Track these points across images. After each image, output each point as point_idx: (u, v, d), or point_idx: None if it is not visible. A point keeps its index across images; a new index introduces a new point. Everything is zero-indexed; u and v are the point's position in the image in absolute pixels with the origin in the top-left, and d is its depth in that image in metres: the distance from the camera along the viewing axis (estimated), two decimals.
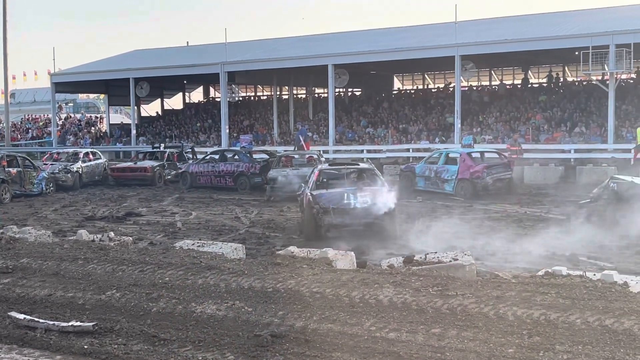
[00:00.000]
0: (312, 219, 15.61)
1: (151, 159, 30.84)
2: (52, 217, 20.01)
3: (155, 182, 28.67)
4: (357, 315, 7.87)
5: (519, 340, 6.88)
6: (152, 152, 32.15)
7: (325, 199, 15.81)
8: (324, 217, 15.52)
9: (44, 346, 7.79)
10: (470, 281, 9.06)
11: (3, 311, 8.99)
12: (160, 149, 33.03)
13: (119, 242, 12.87)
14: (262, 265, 10.19)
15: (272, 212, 20.00)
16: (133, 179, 29.03)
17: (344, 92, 48.58)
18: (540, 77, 47.97)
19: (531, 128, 33.63)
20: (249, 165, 26.17)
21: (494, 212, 18.97)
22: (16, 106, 70.95)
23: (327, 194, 16.11)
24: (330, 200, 15.77)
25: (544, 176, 26.51)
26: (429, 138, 35.48)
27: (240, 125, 45.21)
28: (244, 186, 25.83)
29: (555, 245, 13.79)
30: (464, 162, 22.84)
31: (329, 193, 16.22)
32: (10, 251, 12.18)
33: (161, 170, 29.41)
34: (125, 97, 45.52)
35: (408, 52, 35.57)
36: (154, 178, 28.71)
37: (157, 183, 28.72)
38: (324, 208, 15.56)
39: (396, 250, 13.52)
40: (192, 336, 7.69)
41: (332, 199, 15.81)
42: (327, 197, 15.89)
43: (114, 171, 30.09)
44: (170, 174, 29.68)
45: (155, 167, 29.13)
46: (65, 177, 27.75)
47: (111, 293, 9.28)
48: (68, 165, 28.43)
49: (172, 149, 32.24)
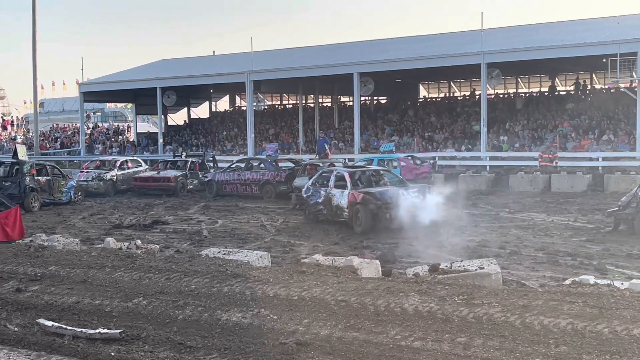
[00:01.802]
0: (370, 214, 17.29)
1: (173, 168, 30.80)
2: (80, 225, 20.20)
3: (178, 192, 28.46)
4: (382, 323, 7.86)
5: (545, 350, 6.82)
6: (174, 161, 31.99)
7: (384, 195, 17.65)
8: (387, 211, 17.17)
9: (71, 353, 7.87)
10: (496, 290, 9.01)
11: (32, 318, 9.10)
12: (181, 157, 32.87)
13: (145, 250, 12.97)
14: (287, 273, 10.21)
15: (298, 220, 20.03)
16: (156, 188, 28.91)
17: (369, 100, 48.56)
18: (567, 85, 47.56)
19: (558, 136, 33.35)
20: (275, 173, 26.25)
21: (521, 221, 18.84)
22: (45, 115, 71.74)
23: (382, 191, 18.02)
24: (390, 196, 17.57)
25: (572, 184, 26.26)
26: (454, 146, 35.33)
27: (266, 133, 45.36)
28: (269, 194, 25.90)
29: (583, 253, 13.68)
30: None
31: (382, 190, 18.15)
32: (39, 259, 12.33)
33: (184, 180, 29.27)
34: (153, 106, 45.87)
35: (434, 59, 35.45)
36: (177, 188, 28.49)
37: (180, 193, 28.52)
38: (387, 203, 17.29)
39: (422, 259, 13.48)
40: (217, 344, 7.72)
41: (390, 195, 17.68)
42: (384, 194, 17.75)
43: (137, 181, 29.92)
44: (193, 183, 29.61)
45: (179, 177, 28.91)
46: (98, 184, 28.77)
47: (138, 300, 9.36)
48: (102, 173, 29.45)
49: (193, 158, 32.12)
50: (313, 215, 19.63)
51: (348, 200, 18.05)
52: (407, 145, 37.34)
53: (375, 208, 17.31)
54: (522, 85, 50.75)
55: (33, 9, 44.19)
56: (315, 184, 20.01)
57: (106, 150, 48.20)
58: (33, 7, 44.11)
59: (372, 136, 40.36)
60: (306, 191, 20.11)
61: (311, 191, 19.85)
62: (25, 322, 9.03)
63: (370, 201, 17.44)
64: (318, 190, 19.59)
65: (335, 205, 18.64)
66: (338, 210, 18.58)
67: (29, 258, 12.46)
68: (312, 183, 20.20)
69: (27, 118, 71.77)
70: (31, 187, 24.10)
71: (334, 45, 47.93)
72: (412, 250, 14.60)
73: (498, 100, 42.91)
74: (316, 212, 19.50)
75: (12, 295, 10.21)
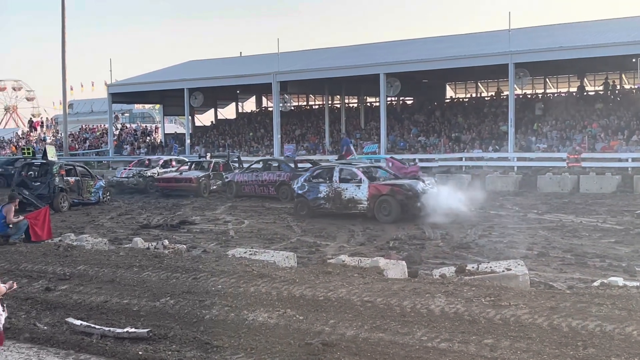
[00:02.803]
0: (399, 204, 19.00)
1: (198, 169, 30.62)
2: (109, 225, 20.38)
3: (201, 192, 28.14)
4: (409, 324, 7.84)
5: (573, 352, 6.77)
6: (199, 162, 31.79)
7: (413, 186, 19.36)
8: (416, 200, 18.94)
9: (99, 352, 7.95)
10: (523, 291, 8.94)
11: (60, 317, 9.20)
12: (206, 158, 32.80)
13: (173, 250, 13.05)
14: (313, 274, 10.22)
15: (324, 221, 20.03)
16: (178, 189, 28.71)
17: (395, 100, 48.44)
18: (596, 85, 47.09)
19: (587, 136, 33.02)
20: (291, 174, 26.23)
21: (549, 222, 18.68)
22: (74, 116, 72.51)
23: (410, 182, 19.78)
24: (417, 186, 19.41)
25: (600, 185, 25.99)
26: (481, 147, 35.13)
27: (292, 134, 45.44)
28: (285, 195, 25.76)
29: (612, 255, 13.53)
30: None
31: (409, 182, 19.89)
32: (68, 258, 12.47)
33: (207, 181, 28.87)
34: (180, 107, 46.22)
35: (461, 60, 35.25)
36: (199, 189, 28.21)
37: (203, 194, 28.16)
38: (416, 193, 19.09)
39: (448, 260, 13.42)
40: (244, 344, 7.75)
41: (416, 185, 19.49)
42: (413, 185, 19.48)
43: (159, 181, 29.77)
44: (216, 184, 29.43)
45: (201, 178, 28.63)
46: (137, 181, 30.17)
47: (165, 300, 9.42)
48: (142, 171, 30.58)
49: (218, 159, 31.97)
50: (311, 210, 20.88)
51: (369, 193, 19.62)
52: (433, 146, 37.20)
53: (405, 198, 19.03)
54: (550, 86, 50.33)
55: (62, 11, 44.68)
56: (309, 180, 21.30)
57: (134, 150, 48.57)
58: (62, 9, 44.60)
59: (399, 137, 40.27)
60: (301, 188, 21.32)
61: (307, 188, 21.14)
62: (54, 321, 9.14)
63: (400, 192, 19.17)
64: (316, 186, 20.95)
65: (348, 198, 20.10)
66: (350, 203, 20.10)
67: (58, 257, 12.60)
68: (306, 180, 21.41)
69: (57, 119, 72.64)
70: (60, 188, 24.36)
71: (359, 46, 47.89)
72: (439, 251, 14.55)
73: (526, 100, 42.58)
74: (316, 206, 20.80)
75: (42, 294, 10.33)
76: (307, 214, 20.86)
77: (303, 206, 21.23)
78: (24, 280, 11.03)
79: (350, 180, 20.59)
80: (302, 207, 21.26)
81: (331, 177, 20.87)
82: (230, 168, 31.23)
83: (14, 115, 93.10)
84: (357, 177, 20.36)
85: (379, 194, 19.52)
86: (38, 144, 55.71)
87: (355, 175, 20.55)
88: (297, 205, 21.55)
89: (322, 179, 21.24)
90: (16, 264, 12.31)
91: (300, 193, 21.31)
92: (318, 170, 22.05)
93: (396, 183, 19.91)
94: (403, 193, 19.20)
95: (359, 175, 20.35)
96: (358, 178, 20.30)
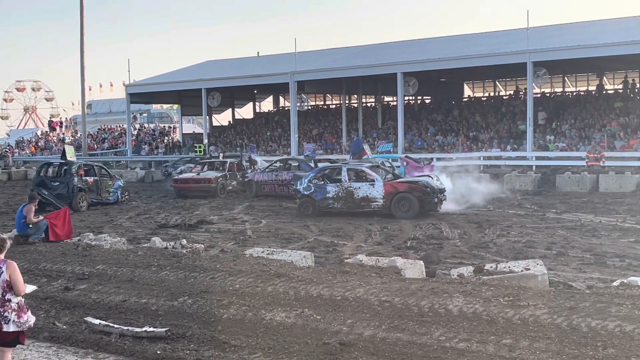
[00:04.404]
0: (417, 201, 19.73)
1: (211, 169, 30.27)
2: (127, 225, 20.48)
3: (219, 193, 28.07)
4: (426, 324, 7.82)
5: (593, 352, 6.72)
6: (212, 162, 31.43)
7: (429, 183, 20.12)
8: (434, 196, 19.88)
9: (118, 351, 7.98)
10: (542, 291, 8.89)
11: (79, 316, 9.26)
12: (219, 158, 32.45)
13: (191, 250, 13.09)
14: (330, 274, 10.22)
15: (341, 220, 20.02)
16: (196, 190, 28.35)
17: (413, 99, 48.30)
18: (615, 83, 46.70)
19: (606, 135, 32.76)
20: None
21: (568, 222, 18.57)
22: (93, 117, 72.98)
23: (426, 180, 20.42)
24: (432, 183, 20.23)
25: (620, 184, 25.80)
26: (500, 146, 34.95)
27: (309, 134, 45.43)
28: None
29: (632, 255, 13.42)
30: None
31: (424, 179, 20.52)
32: (87, 258, 12.54)
33: (224, 181, 28.92)
34: (198, 107, 46.34)
35: (478, 58, 35.07)
36: (217, 189, 28.14)
37: (220, 194, 28.08)
38: (433, 190, 19.96)
39: (466, 259, 13.37)
40: (261, 343, 7.76)
41: (431, 182, 20.29)
42: (429, 182, 20.20)
43: (177, 182, 29.44)
44: (232, 184, 29.34)
45: (219, 178, 28.61)
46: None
47: (183, 299, 9.45)
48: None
49: (231, 159, 31.59)
50: (316, 209, 21.17)
51: (385, 191, 20.23)
52: (451, 145, 37.06)
53: (423, 195, 19.81)
54: (569, 84, 49.98)
55: (81, 12, 44.91)
56: (314, 180, 21.59)
57: (152, 150, 48.77)
58: (81, 10, 44.83)
59: (416, 136, 40.16)
60: (307, 188, 21.52)
61: (313, 188, 21.45)
62: (73, 320, 9.20)
63: (418, 189, 19.96)
64: (322, 187, 21.34)
65: (362, 197, 20.58)
66: (364, 201, 20.58)
67: (77, 257, 12.68)
68: (311, 180, 21.69)
69: (75, 119, 73.13)
70: (79, 187, 24.52)
71: (376, 45, 47.81)
72: (457, 251, 14.50)
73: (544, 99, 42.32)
74: (324, 206, 21.15)
75: (61, 293, 10.40)
76: (312, 214, 21.05)
77: (308, 206, 21.45)
78: (43, 280, 11.12)
79: (362, 179, 21.06)
80: (307, 207, 21.49)
81: (340, 177, 21.30)
82: (244, 168, 30.98)
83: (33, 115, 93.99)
84: (370, 176, 20.86)
85: (396, 192, 20.18)
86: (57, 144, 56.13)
87: (367, 174, 21.05)
88: (301, 206, 21.69)
89: (328, 180, 21.68)
90: (35, 264, 12.40)
91: (307, 194, 21.49)
92: (323, 171, 22.48)
93: (413, 180, 20.77)
94: (421, 190, 19.93)
95: (372, 174, 20.90)
96: (371, 177, 20.81)
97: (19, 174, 44.77)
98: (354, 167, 21.77)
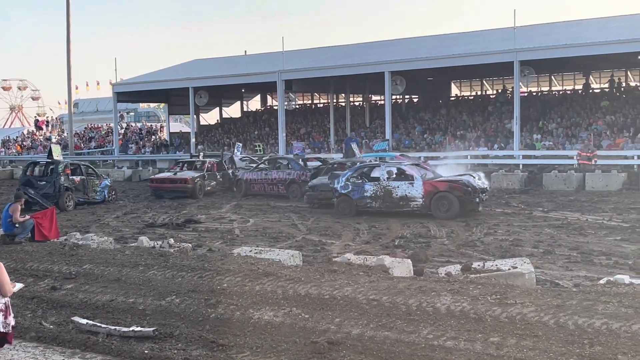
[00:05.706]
0: (458, 200, 19.22)
1: (190, 169, 29.35)
2: (114, 224, 20.41)
3: (196, 194, 27.09)
4: (414, 323, 7.83)
5: (579, 350, 6.75)
6: (191, 162, 30.47)
7: (470, 182, 19.64)
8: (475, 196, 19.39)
9: (105, 351, 7.96)
10: (529, 289, 8.93)
11: (66, 316, 9.22)
12: (199, 158, 31.48)
13: (178, 249, 13.07)
14: (318, 272, 10.22)
15: (329, 219, 20.03)
16: (172, 190, 27.52)
17: (401, 98, 48.36)
18: (601, 82, 46.96)
19: (593, 134, 32.92)
20: (300, 173, 26.12)
21: (555, 220, 18.65)
22: (79, 116, 72.63)
23: (467, 179, 19.93)
24: (474, 183, 19.68)
25: (606, 183, 25.91)
26: (487, 145, 35.05)
27: (297, 132, 45.43)
28: (295, 194, 25.68)
29: (618, 253, 13.50)
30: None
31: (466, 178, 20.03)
32: (74, 257, 12.49)
33: (202, 182, 27.85)
34: (185, 106, 46.25)
35: (466, 58, 35.13)
36: (194, 190, 27.12)
37: (198, 195, 27.14)
38: (475, 189, 19.47)
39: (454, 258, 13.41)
40: (249, 342, 7.76)
41: (473, 182, 19.73)
42: (470, 180, 19.72)
43: (153, 182, 28.69)
44: (210, 184, 28.54)
45: (196, 178, 27.54)
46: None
47: (171, 299, 9.43)
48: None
49: (211, 158, 30.47)
50: (354, 209, 20.61)
51: (424, 190, 19.64)
52: (438, 143, 37.13)
53: (464, 194, 19.29)
54: (556, 83, 50.21)
55: (67, 11, 44.69)
56: (352, 179, 20.97)
57: (139, 149, 48.61)
58: (67, 8, 44.62)
59: (404, 135, 40.22)
60: (344, 187, 20.90)
61: (350, 187, 20.81)
62: (60, 320, 9.16)
63: (459, 188, 19.46)
64: (360, 185, 20.73)
65: (400, 196, 19.98)
66: (402, 201, 19.97)
67: (64, 257, 12.62)
68: (348, 178, 21.00)
69: (62, 118, 72.78)
70: (66, 187, 24.41)
71: (364, 44, 47.82)
72: (444, 250, 14.54)
73: (531, 98, 42.50)
74: (362, 205, 20.53)
75: (48, 293, 10.36)
76: (350, 213, 20.50)
77: (346, 206, 20.83)
78: (30, 279, 11.06)
79: (401, 177, 20.47)
80: (345, 206, 20.83)
81: (378, 176, 20.75)
82: (224, 168, 30.09)
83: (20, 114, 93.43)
84: (410, 175, 20.21)
85: (436, 191, 19.57)
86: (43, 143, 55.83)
87: (407, 172, 20.42)
88: (339, 205, 20.96)
89: (366, 178, 21.13)
90: (22, 263, 12.34)
91: (344, 192, 20.83)
92: (362, 169, 21.66)
93: (453, 179, 20.05)
94: (462, 189, 19.38)
95: (412, 172, 20.27)
96: (411, 176, 20.16)
97: (5, 173, 44.58)
98: (394, 165, 21.37)
